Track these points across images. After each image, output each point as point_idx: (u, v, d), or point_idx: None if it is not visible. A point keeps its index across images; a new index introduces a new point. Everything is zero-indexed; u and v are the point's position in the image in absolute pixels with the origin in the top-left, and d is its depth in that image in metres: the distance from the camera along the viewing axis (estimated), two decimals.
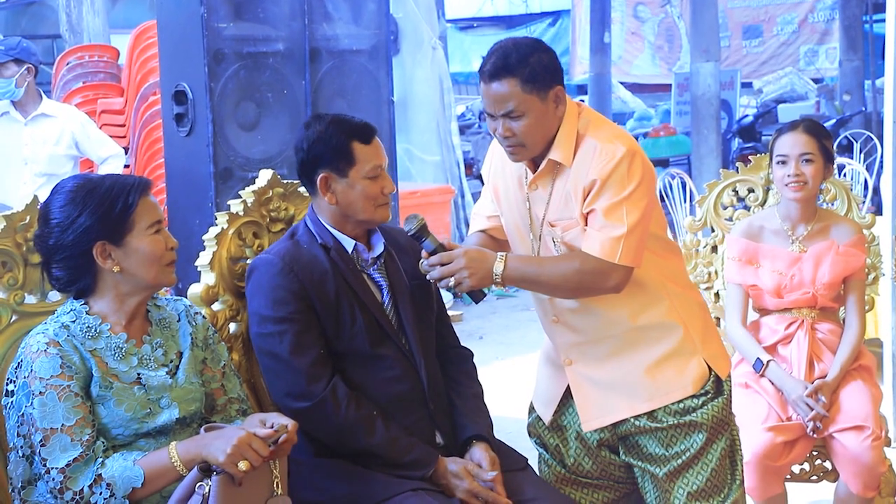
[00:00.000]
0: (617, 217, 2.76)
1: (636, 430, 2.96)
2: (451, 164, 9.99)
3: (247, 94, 5.72)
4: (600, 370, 2.96)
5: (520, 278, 2.82)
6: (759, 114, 14.14)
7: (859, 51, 14.89)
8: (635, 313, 2.92)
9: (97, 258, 2.51)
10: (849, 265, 3.73)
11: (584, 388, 2.99)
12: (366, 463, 2.80)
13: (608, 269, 2.78)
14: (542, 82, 2.78)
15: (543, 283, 2.84)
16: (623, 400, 2.95)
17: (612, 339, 2.94)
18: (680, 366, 2.94)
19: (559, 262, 2.83)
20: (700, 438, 2.93)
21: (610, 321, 2.93)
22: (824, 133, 3.78)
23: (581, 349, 2.98)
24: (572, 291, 2.87)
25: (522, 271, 2.82)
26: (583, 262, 2.79)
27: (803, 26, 18.77)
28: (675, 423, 2.93)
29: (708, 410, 2.93)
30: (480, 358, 3.28)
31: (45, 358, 2.42)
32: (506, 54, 2.78)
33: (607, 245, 2.76)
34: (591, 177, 2.79)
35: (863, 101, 14.57)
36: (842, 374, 3.66)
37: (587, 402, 2.99)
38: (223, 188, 5.57)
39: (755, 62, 18.92)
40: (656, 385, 2.93)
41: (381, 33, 6.27)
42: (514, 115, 2.78)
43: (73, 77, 8.71)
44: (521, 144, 2.82)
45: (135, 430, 2.50)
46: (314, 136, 2.88)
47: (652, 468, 2.97)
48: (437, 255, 2.80)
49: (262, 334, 2.84)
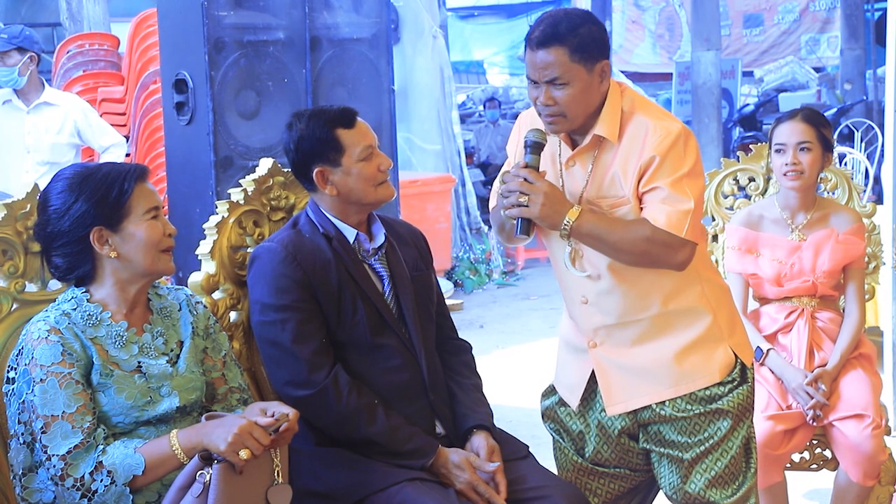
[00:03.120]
0: (682, 191, 2.73)
1: (658, 419, 2.94)
2: (452, 153, 9.99)
3: (247, 83, 5.71)
4: (626, 354, 2.93)
5: (587, 233, 2.76)
6: (760, 103, 14.14)
7: (861, 39, 14.87)
8: (668, 297, 2.89)
9: (94, 244, 2.52)
10: (848, 253, 3.73)
11: (608, 372, 2.95)
12: (366, 452, 2.81)
13: (677, 244, 2.74)
14: (590, 54, 2.75)
15: (610, 243, 2.78)
16: (648, 385, 2.92)
17: (641, 322, 2.91)
18: (707, 353, 2.92)
19: (630, 227, 2.77)
20: (725, 425, 2.92)
21: (642, 304, 2.89)
22: (823, 121, 3.76)
23: (609, 332, 2.93)
24: (637, 257, 2.79)
25: (592, 227, 2.75)
26: (653, 232, 2.74)
27: (804, 15, 18.75)
28: (700, 410, 2.90)
29: (734, 398, 2.92)
30: (481, 347, 3.29)
31: (46, 345, 2.43)
32: (556, 22, 2.75)
33: (674, 218, 2.73)
34: (648, 154, 2.76)
35: (864, 90, 14.56)
36: (842, 362, 3.66)
37: (611, 387, 2.95)
38: (223, 177, 5.56)
39: (756, 51, 18.91)
40: (683, 371, 2.90)
41: (382, 22, 6.26)
42: (559, 83, 2.74)
43: (73, 65, 8.70)
44: (562, 114, 2.78)
45: (135, 417, 2.51)
46: (298, 135, 2.88)
47: (675, 452, 2.94)
48: (527, 170, 2.75)
49: (263, 322, 2.84)
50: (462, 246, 9.68)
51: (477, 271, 9.43)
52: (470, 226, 9.92)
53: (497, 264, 9.63)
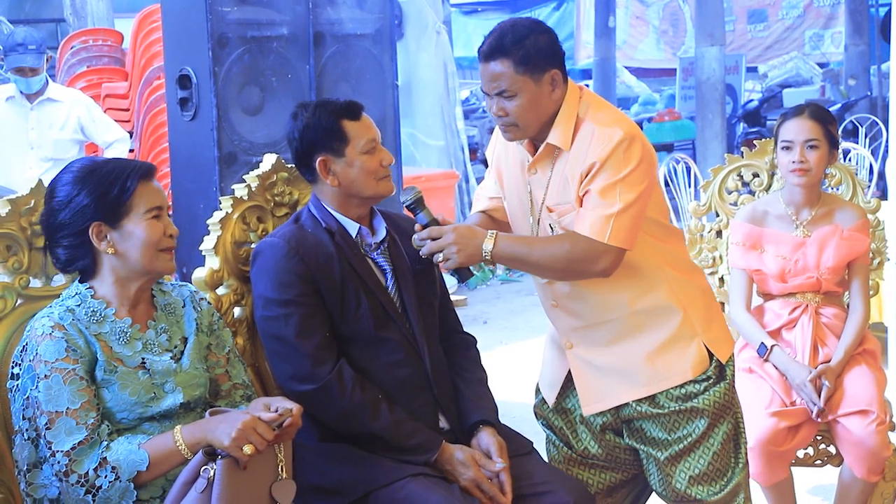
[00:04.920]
0: (611, 196, 2.75)
1: (638, 415, 2.96)
2: (456, 148, 9.98)
3: (251, 79, 5.71)
4: (600, 355, 2.96)
5: (509, 257, 2.81)
6: (764, 98, 14.11)
7: (865, 35, 14.83)
8: (634, 298, 2.91)
9: (92, 238, 2.52)
10: (853, 249, 3.73)
11: (583, 373, 3.00)
12: (370, 447, 2.80)
13: (598, 251, 2.75)
14: (536, 65, 2.78)
15: (532, 263, 2.83)
16: (622, 384, 2.95)
17: (610, 323, 2.94)
18: (680, 351, 2.93)
19: (550, 244, 2.82)
20: (702, 424, 2.93)
21: (608, 305, 2.92)
22: (829, 118, 3.76)
23: (581, 333, 2.98)
24: (561, 273, 2.85)
25: (512, 250, 2.80)
26: (573, 243, 2.77)
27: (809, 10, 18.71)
28: (677, 408, 2.93)
29: (710, 396, 2.93)
30: (484, 342, 3.29)
31: (50, 341, 2.43)
32: (502, 35, 2.79)
33: (597, 224, 2.74)
34: (589, 160, 2.78)
35: (868, 86, 14.53)
36: (846, 358, 3.66)
37: (587, 387, 3.00)
38: (227, 172, 5.57)
39: (760, 46, 18.88)
40: (656, 370, 2.93)
41: (386, 17, 6.26)
42: (507, 95, 2.78)
43: (77, 61, 8.70)
44: (514, 124, 2.83)
45: (139, 414, 2.51)
46: (303, 124, 2.88)
47: (654, 452, 2.97)
48: (428, 230, 2.80)
49: (267, 317, 2.84)
50: None
51: (480, 267, 9.42)
52: None
53: None
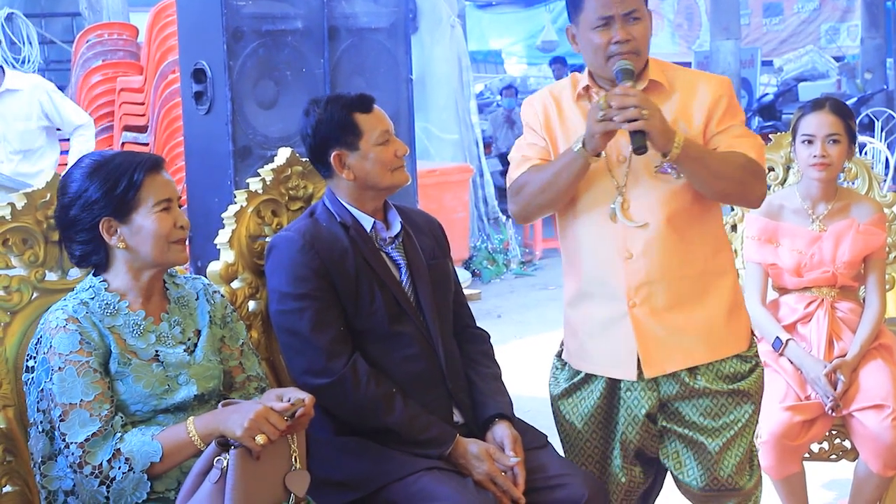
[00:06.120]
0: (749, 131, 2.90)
1: (685, 394, 2.92)
2: (470, 142, 9.97)
3: (265, 72, 5.71)
4: (666, 316, 2.90)
5: (695, 155, 2.79)
6: (780, 92, 14.08)
7: (881, 28, 14.77)
8: (709, 255, 2.94)
9: (103, 233, 2.53)
10: (869, 244, 3.71)
11: (647, 333, 2.90)
12: (384, 441, 2.81)
13: (762, 176, 2.90)
14: None
15: (713, 168, 2.83)
16: (686, 347, 2.91)
17: (684, 280, 2.90)
18: (737, 318, 2.99)
19: (726, 155, 2.86)
20: (750, 409, 2.97)
21: (687, 258, 2.90)
22: (849, 113, 3.76)
23: (650, 290, 2.88)
24: (733, 185, 2.86)
25: (696, 145, 2.83)
26: (747, 158, 2.86)
27: (824, 4, 18.65)
28: (725, 389, 2.93)
29: (755, 379, 2.98)
30: (498, 337, 3.29)
31: (64, 334, 2.44)
32: None
33: (758, 151, 2.88)
34: (714, 95, 2.87)
35: (884, 79, 14.48)
36: (861, 352, 3.65)
37: (649, 348, 2.91)
38: (242, 166, 5.57)
39: (775, 40, 18.82)
40: (719, 336, 2.94)
41: (400, 11, 6.25)
42: (636, 17, 2.82)
43: (92, 55, 8.72)
44: (636, 52, 2.84)
45: (153, 406, 2.52)
46: (316, 120, 2.89)
47: (703, 439, 2.94)
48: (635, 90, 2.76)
49: (282, 311, 2.84)
50: (480, 236, 9.67)
51: (494, 261, 9.42)
52: (488, 215, 9.90)
53: (515, 254, 9.62)
